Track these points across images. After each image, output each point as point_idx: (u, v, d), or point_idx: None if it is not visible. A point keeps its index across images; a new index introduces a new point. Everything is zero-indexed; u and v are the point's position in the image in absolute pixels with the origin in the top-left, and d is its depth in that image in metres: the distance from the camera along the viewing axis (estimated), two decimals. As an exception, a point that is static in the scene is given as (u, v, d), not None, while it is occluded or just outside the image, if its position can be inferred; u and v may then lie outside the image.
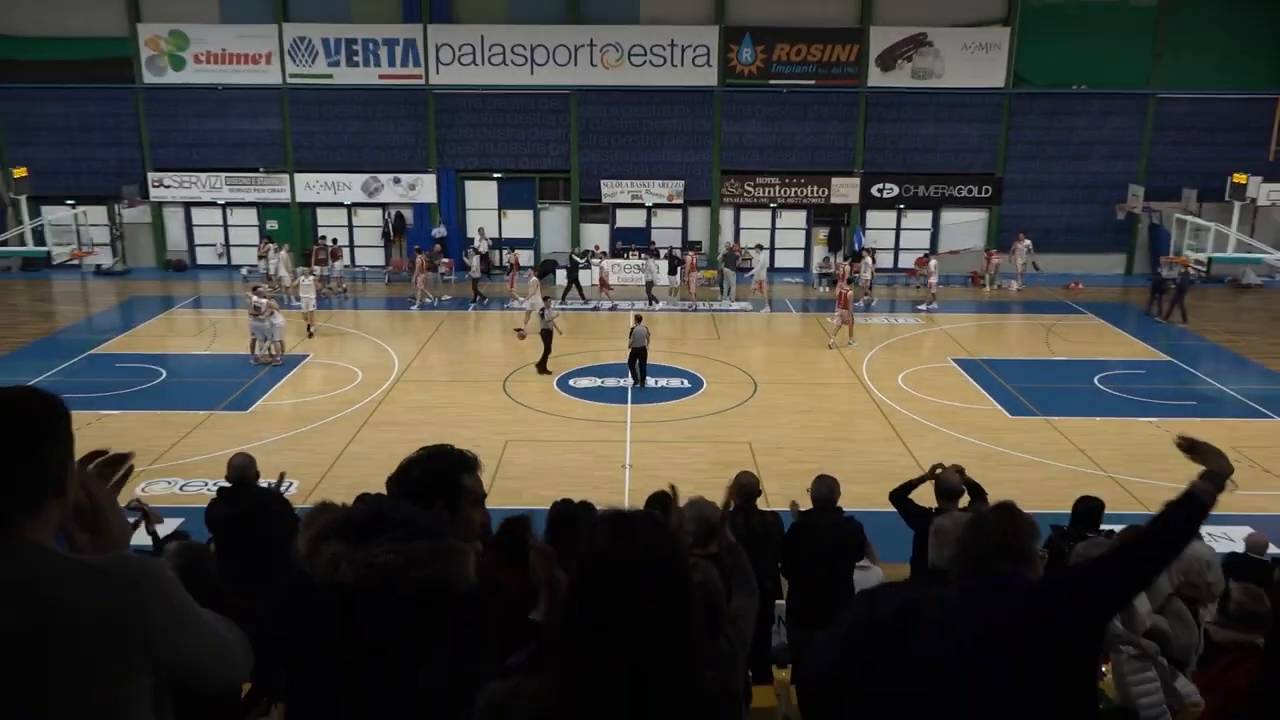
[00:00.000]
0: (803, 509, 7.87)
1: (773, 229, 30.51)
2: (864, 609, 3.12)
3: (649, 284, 26.52)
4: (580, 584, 1.95)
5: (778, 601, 7.92)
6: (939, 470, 7.63)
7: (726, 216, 30.49)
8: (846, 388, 19.56)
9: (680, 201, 30.07)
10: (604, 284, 26.51)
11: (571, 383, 19.64)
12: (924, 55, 29.00)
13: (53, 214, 28.15)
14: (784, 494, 9.88)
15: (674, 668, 1.91)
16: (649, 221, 30.40)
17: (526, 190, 30.41)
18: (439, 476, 2.77)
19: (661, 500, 6.91)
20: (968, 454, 14.62)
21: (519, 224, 30.47)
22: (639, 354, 19.10)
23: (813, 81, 29.27)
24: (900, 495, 7.96)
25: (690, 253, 28.01)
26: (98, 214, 29.65)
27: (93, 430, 15.71)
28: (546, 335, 19.93)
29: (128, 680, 2.08)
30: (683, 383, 19.78)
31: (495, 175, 30.16)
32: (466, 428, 16.86)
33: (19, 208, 28.05)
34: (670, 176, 29.77)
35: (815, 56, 29.09)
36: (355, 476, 14.26)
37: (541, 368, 19.90)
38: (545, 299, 20.67)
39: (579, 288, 26.55)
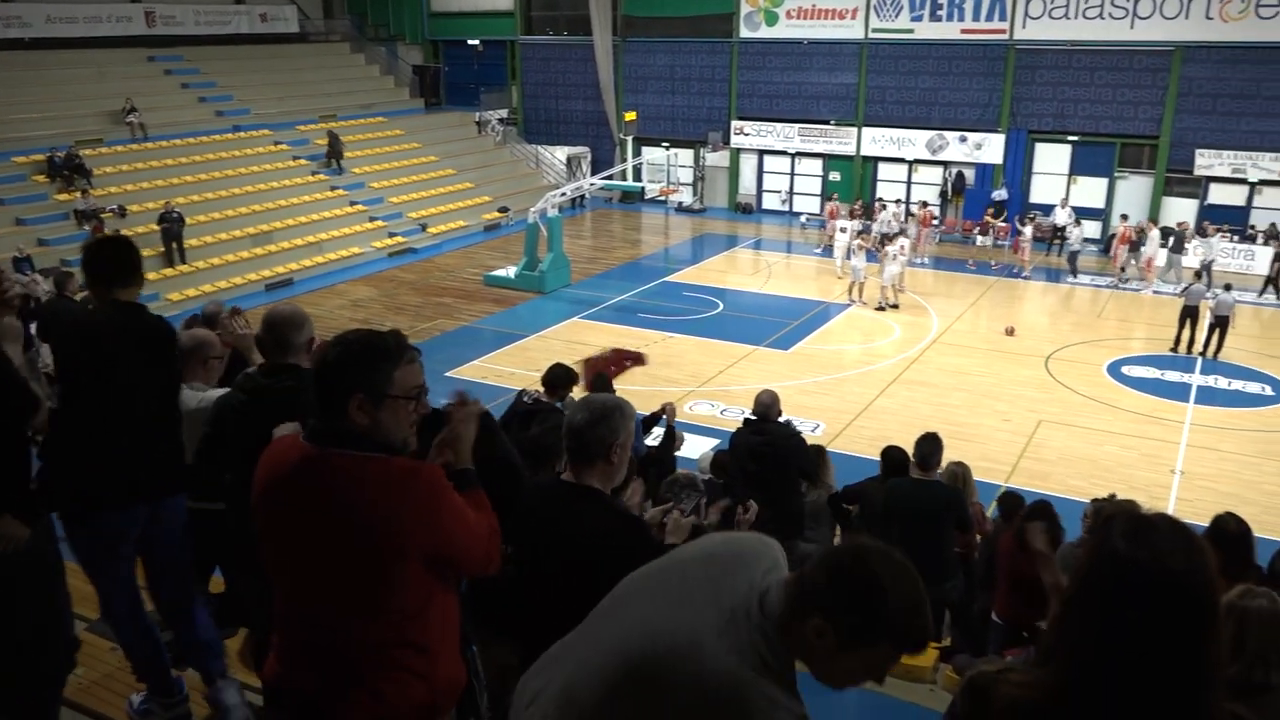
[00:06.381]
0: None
1: None
2: None
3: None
4: (1086, 583, 1.79)
5: None
6: None
7: (1358, 201, 25.37)
8: None
9: (1296, 180, 25.58)
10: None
11: (1125, 370, 17.93)
12: None
13: (649, 154, 31.84)
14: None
15: (1184, 689, 1.71)
16: (1250, 200, 26.32)
17: (1104, 156, 27.93)
18: None
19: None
20: None
21: (1090, 192, 28.13)
22: (1220, 323, 18.19)
23: None
24: None
25: None
26: (685, 156, 33.07)
27: (659, 348, 17.80)
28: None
29: None
30: (1264, 389, 17.09)
31: (1070, 138, 28.10)
32: (1000, 400, 16.30)
33: (625, 147, 32.28)
34: (1288, 150, 25.41)
35: None
36: (877, 429, 14.49)
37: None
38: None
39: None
